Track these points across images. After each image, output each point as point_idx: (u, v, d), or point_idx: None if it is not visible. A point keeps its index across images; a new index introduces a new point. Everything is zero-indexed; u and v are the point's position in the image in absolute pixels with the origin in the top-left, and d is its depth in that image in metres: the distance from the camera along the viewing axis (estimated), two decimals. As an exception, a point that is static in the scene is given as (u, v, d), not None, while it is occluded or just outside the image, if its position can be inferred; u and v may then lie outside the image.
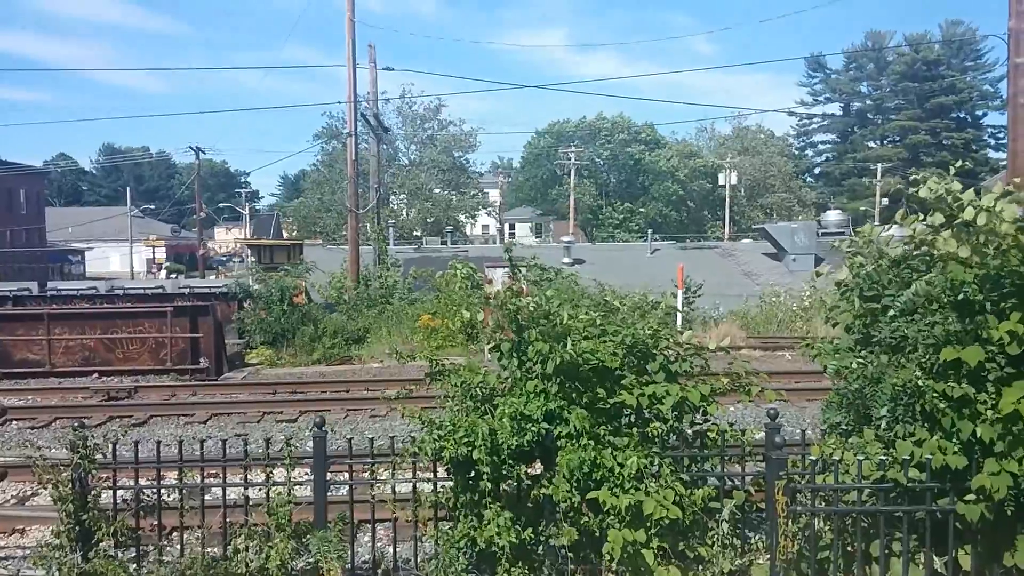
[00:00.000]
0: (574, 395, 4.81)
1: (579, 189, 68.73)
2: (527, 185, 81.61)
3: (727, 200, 68.67)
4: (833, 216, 50.07)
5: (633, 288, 19.47)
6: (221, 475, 5.04)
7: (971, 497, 4.27)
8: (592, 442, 4.53)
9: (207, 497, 5.02)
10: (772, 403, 5.09)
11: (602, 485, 4.42)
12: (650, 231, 55.09)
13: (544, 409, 4.64)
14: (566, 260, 38.23)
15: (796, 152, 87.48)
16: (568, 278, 19.86)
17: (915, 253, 5.40)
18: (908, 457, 4.43)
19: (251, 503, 5.08)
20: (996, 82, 73.09)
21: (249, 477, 5.18)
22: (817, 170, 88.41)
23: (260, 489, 5.12)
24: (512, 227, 78.04)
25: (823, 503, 4.65)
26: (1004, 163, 19.54)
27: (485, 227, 78.20)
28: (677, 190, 72.36)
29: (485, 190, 71.74)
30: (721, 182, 69.84)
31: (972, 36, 72.11)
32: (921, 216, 5.36)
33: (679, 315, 16.54)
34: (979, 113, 77.15)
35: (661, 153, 73.30)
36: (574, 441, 4.54)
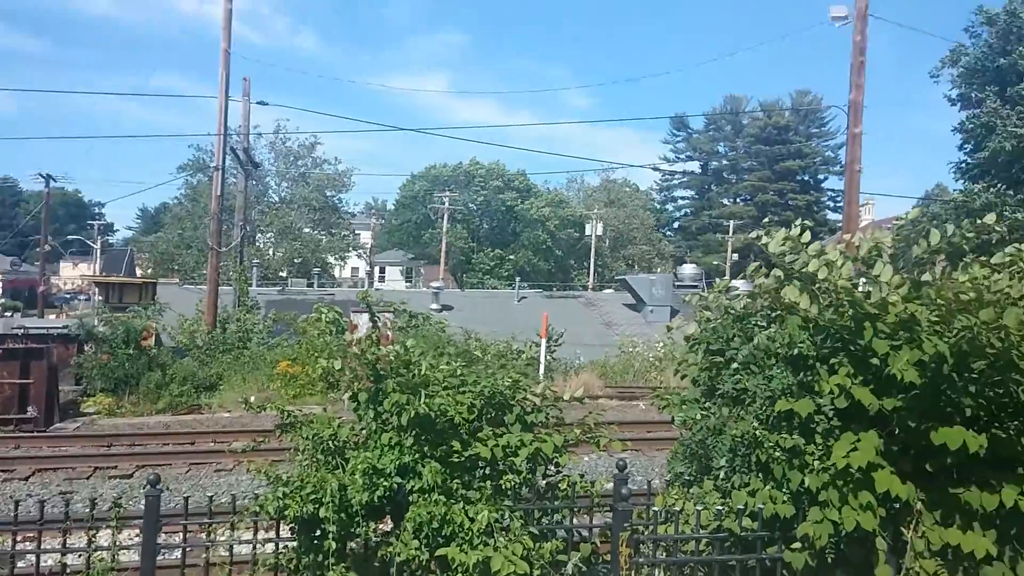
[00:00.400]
0: (428, 448, 4.74)
1: (452, 234, 69.08)
2: (400, 228, 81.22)
3: (592, 250, 70.84)
4: (688, 270, 52.67)
5: (500, 336, 19.67)
6: (37, 539, 4.62)
7: (797, 545, 4.50)
8: (444, 497, 4.47)
9: (20, 564, 4.58)
10: (622, 453, 5.22)
11: (452, 541, 4.37)
12: (517, 279, 55.88)
13: (398, 463, 4.55)
14: (434, 306, 38.10)
15: (658, 206, 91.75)
16: (436, 325, 19.80)
17: (759, 308, 5.72)
18: (743, 507, 4.62)
19: (70, 571, 4.66)
20: (836, 149, 79.49)
21: (70, 541, 4.77)
22: (676, 224, 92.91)
23: (81, 555, 4.72)
24: (383, 270, 77.22)
25: (664, 553, 4.77)
26: (840, 224, 21.13)
27: (355, 270, 77.01)
28: (546, 239, 74.00)
29: (357, 231, 70.81)
30: (588, 232, 72.04)
31: (817, 105, 78.46)
32: (766, 271, 5.70)
33: (541, 364, 16.81)
34: (821, 177, 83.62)
35: (533, 201, 74.94)
36: (426, 496, 4.47)
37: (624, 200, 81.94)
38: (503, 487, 4.73)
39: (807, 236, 5.35)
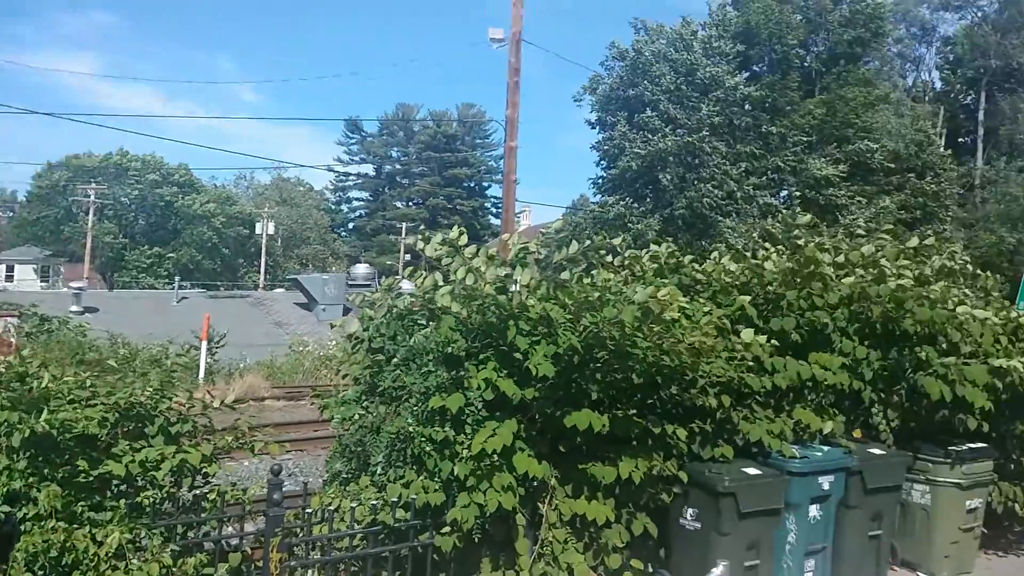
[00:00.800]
0: (48, 469, 4.20)
1: (99, 229, 61.88)
2: (36, 223, 70.73)
3: (263, 249, 68.16)
4: (361, 269, 53.17)
5: (155, 339, 18.11)
6: None
7: (447, 530, 4.76)
8: (66, 522, 3.99)
9: None
10: (284, 455, 5.09)
11: (75, 570, 3.91)
12: (177, 278, 51.87)
13: (6, 489, 3.97)
14: (76, 308, 33.90)
15: (333, 207, 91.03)
16: (75, 329, 17.63)
17: (419, 308, 5.92)
18: (397, 499, 4.77)
19: None
20: (499, 159, 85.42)
21: None
22: (351, 225, 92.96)
23: None
24: (10, 268, 66.67)
25: (320, 553, 4.75)
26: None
27: (-26, 268, 65.66)
28: (212, 236, 69.54)
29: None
30: (259, 231, 69.13)
31: (481, 118, 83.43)
32: (425, 273, 5.93)
33: (202, 368, 15.80)
34: (485, 185, 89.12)
35: (196, 197, 69.91)
36: (42, 523, 3.95)
37: (297, 199, 79.98)
38: (142, 504, 4.36)
39: (463, 239, 5.69)
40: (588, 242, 6.35)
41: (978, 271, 8.05)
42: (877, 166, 28.12)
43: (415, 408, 5.09)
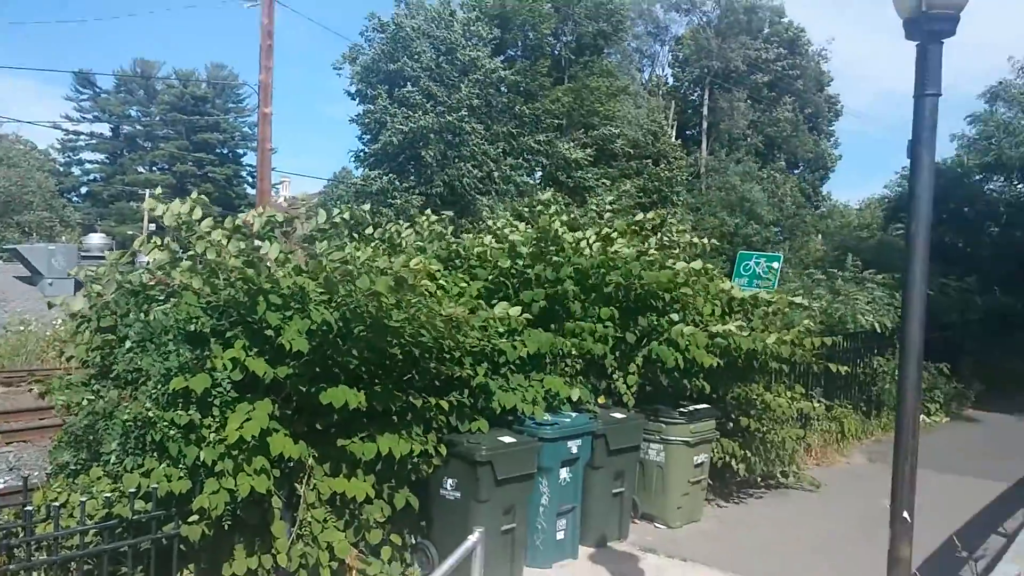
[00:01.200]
0: None
1: None
2: None
3: (-28, 216, 59.40)
4: (96, 239, 48.02)
5: None
6: None
7: (194, 518, 4.46)
8: None
9: None
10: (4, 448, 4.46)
11: None
12: None
13: None
14: None
15: (61, 169, 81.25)
16: None
17: (155, 283, 5.42)
18: (135, 489, 4.39)
19: None
20: (254, 126, 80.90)
21: None
22: (84, 190, 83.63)
23: None
24: None
25: (46, 553, 4.25)
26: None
27: None
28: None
29: None
30: (-34, 194, 60.06)
31: (234, 81, 78.49)
32: (160, 243, 5.43)
33: None
34: (240, 152, 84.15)
35: None
36: None
37: (16, 159, 70.39)
38: None
39: (198, 213, 5.27)
40: (337, 211, 6.20)
41: (705, 247, 8.78)
42: (619, 151, 30.38)
43: (154, 391, 4.69)
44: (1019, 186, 16.56)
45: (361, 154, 28.25)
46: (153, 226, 65.91)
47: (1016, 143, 15.93)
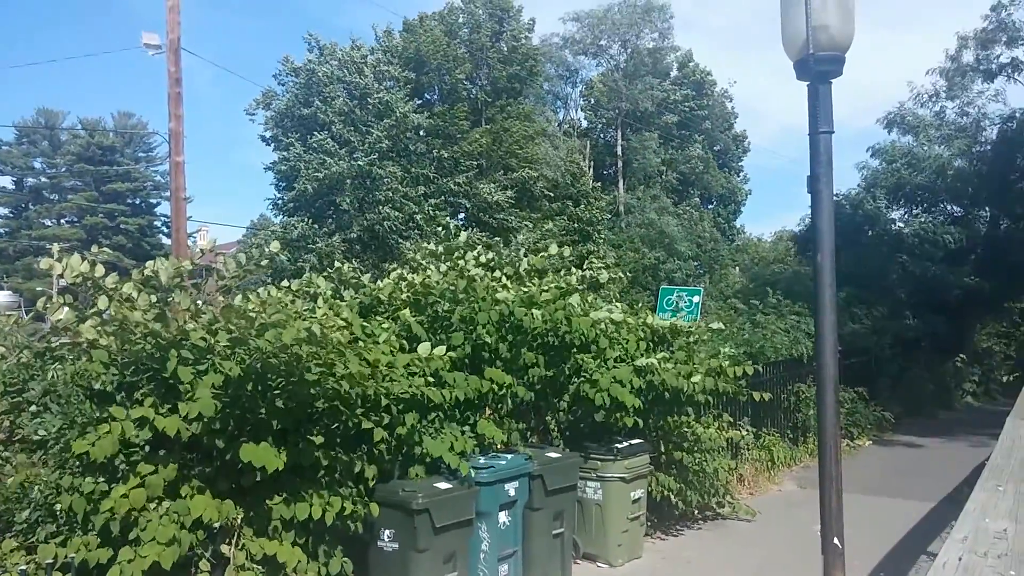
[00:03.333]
0: None
1: None
2: None
3: None
4: (2, 298, 45.78)
5: None
6: None
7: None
8: None
9: None
10: None
11: None
12: None
13: None
14: None
15: (-40, 225, 77.39)
16: None
17: (62, 342, 5.16)
18: (52, 560, 4.14)
19: None
20: (166, 175, 78.88)
21: None
22: (-13, 246, 79.75)
23: None
24: None
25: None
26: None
27: None
28: None
29: None
30: None
31: (143, 129, 76.49)
32: (64, 301, 5.16)
33: None
34: (153, 201, 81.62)
35: None
36: None
37: (-92, 216, 66.74)
38: None
39: (100, 269, 5.06)
40: (250, 260, 6.01)
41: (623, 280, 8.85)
42: (539, 193, 30.81)
43: (59, 456, 4.44)
44: (920, 216, 17.40)
45: (279, 201, 27.86)
46: (64, 281, 63.20)
47: (916, 172, 16.75)
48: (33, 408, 4.70)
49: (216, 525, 4.59)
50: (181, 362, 4.53)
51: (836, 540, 3.90)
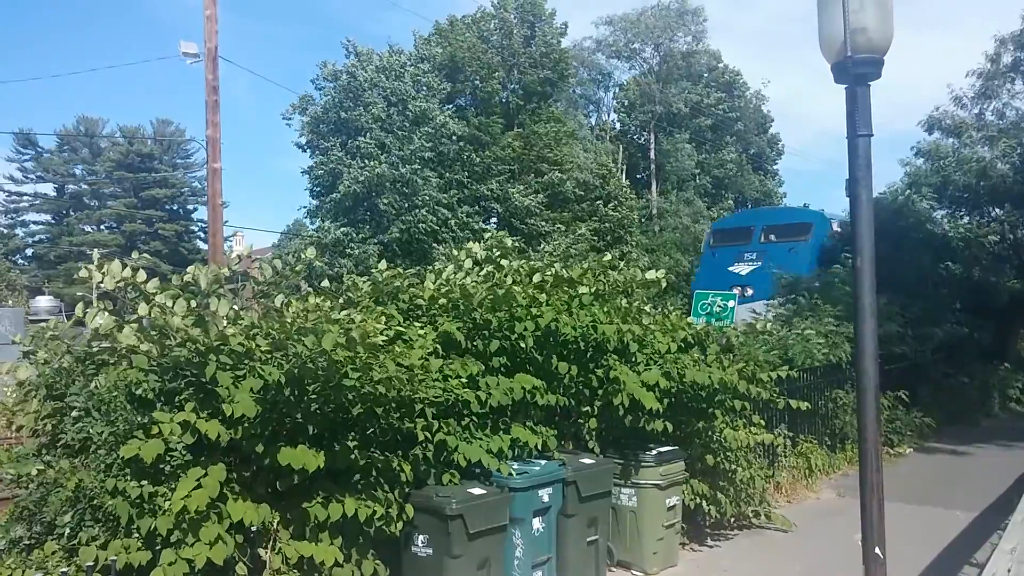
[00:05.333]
0: None
1: None
2: None
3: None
4: (43, 302, 46.89)
5: None
6: None
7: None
8: None
9: None
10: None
11: None
12: None
13: None
14: None
15: (4, 231, 79.34)
16: None
17: (102, 346, 5.26)
18: (92, 563, 4.20)
19: None
20: (203, 181, 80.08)
21: None
22: (30, 252, 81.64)
23: None
24: None
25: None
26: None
27: None
28: None
29: None
30: (-96, 260, 58.10)
31: (180, 137, 77.80)
32: (104, 307, 5.26)
33: None
34: (191, 207, 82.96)
35: None
36: None
37: (-44, 223, 68.60)
38: None
39: (142, 275, 5.15)
40: (286, 266, 6.09)
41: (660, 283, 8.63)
42: (570, 195, 30.77)
43: (104, 460, 4.52)
44: (964, 218, 17.04)
45: (315, 206, 28.15)
46: (104, 287, 64.40)
47: (961, 172, 16.38)
48: (75, 413, 4.79)
49: (253, 528, 4.65)
50: (220, 367, 4.59)
51: (878, 550, 3.83)
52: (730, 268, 19.43)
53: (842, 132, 4.08)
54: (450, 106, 29.29)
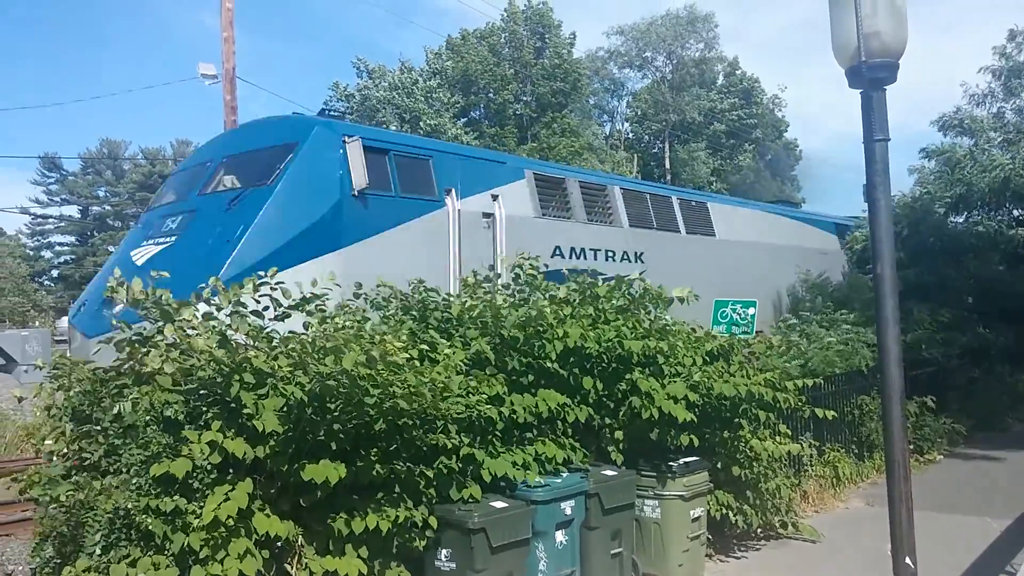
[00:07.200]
0: None
1: None
2: None
3: (-59, 305, 58.38)
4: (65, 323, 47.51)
5: None
6: None
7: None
8: None
9: None
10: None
11: None
12: None
13: None
14: None
15: (31, 253, 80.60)
16: None
17: (124, 370, 5.29)
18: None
19: None
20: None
21: None
22: (56, 273, 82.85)
23: None
24: None
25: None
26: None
27: None
28: None
29: None
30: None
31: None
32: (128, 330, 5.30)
33: None
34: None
35: None
36: None
37: (-12, 246, 69.74)
38: None
39: (167, 296, 5.20)
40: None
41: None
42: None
43: (135, 480, 4.59)
44: (983, 221, 16.77)
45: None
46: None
47: (989, 180, 16.11)
48: (103, 433, 4.86)
49: (279, 544, 4.68)
50: (243, 387, 4.65)
51: (908, 560, 3.78)
52: (132, 254, 10.09)
53: (857, 137, 4.07)
54: (463, 119, 29.45)
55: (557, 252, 12.28)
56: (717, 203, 17.21)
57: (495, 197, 11.60)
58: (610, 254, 13.34)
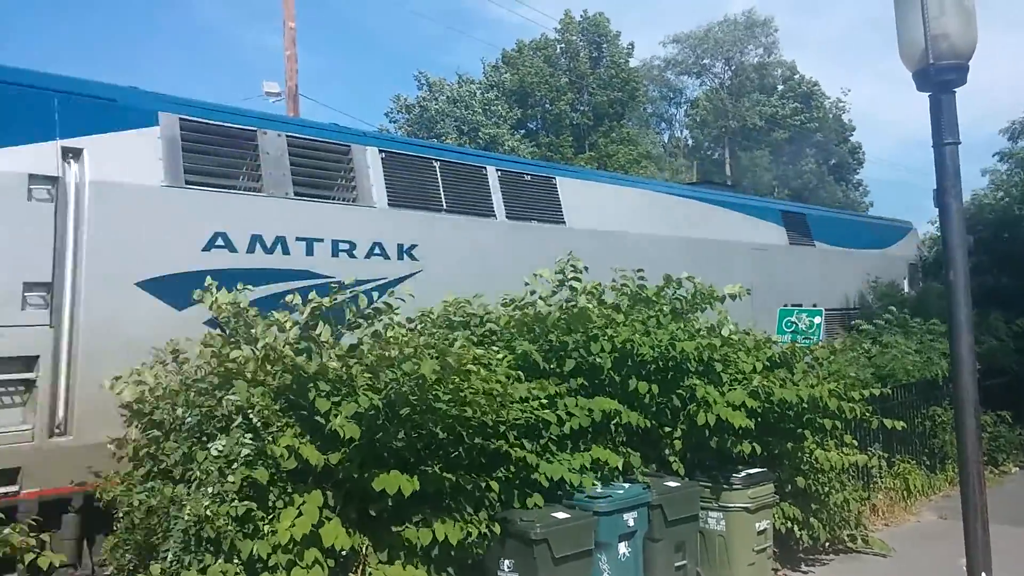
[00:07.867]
0: None
1: None
2: None
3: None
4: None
5: None
6: None
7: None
8: None
9: None
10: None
11: None
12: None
13: None
14: None
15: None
16: None
17: (209, 373, 5.45)
18: (195, 587, 4.36)
19: None
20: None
21: None
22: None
23: None
24: None
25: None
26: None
27: None
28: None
29: None
30: None
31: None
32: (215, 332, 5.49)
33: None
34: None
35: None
36: None
37: None
38: None
39: (246, 303, 5.39)
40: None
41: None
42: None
43: (213, 484, 4.69)
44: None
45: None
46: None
47: None
48: (183, 435, 4.98)
49: (344, 553, 4.75)
50: (319, 394, 4.76)
51: (985, 575, 3.66)
52: None
53: (927, 141, 3.98)
54: (521, 131, 29.59)
55: (218, 243, 6.80)
56: (572, 178, 10.91)
57: (70, 151, 6.12)
58: (344, 247, 7.82)
